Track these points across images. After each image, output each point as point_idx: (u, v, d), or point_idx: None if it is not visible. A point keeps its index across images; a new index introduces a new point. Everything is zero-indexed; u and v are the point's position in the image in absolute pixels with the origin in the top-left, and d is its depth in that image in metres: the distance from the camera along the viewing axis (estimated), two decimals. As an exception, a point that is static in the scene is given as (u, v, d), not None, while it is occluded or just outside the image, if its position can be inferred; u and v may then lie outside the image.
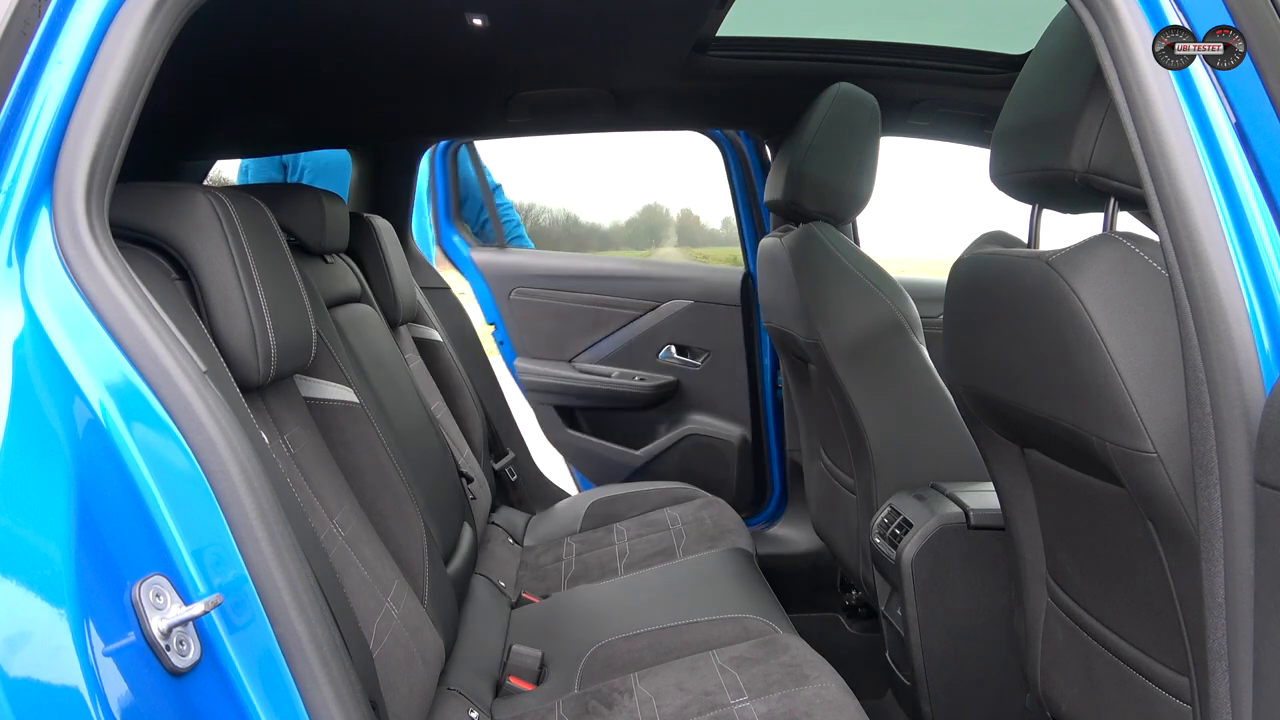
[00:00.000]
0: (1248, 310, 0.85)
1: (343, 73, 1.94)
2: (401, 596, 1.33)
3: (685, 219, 3.51)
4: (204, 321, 1.08)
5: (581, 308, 2.93)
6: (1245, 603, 0.84)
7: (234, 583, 0.83)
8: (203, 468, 0.83)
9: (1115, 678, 1.19)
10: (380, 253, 2.12)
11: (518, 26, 1.75)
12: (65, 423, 0.78)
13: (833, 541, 2.22)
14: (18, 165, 0.83)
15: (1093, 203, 1.12)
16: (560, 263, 3.04)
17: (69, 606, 0.71)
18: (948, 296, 1.35)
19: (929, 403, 1.90)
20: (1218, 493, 0.86)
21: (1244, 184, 0.86)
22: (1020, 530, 1.39)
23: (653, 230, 3.82)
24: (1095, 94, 1.01)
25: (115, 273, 0.84)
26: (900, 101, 2.25)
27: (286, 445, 1.24)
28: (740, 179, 2.77)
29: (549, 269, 2.98)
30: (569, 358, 2.94)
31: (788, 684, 1.30)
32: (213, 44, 1.45)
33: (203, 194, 1.11)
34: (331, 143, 2.91)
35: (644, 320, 2.90)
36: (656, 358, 2.91)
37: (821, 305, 1.92)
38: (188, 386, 0.83)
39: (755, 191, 2.75)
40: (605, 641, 1.57)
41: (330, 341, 1.53)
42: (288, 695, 0.84)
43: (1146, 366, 0.96)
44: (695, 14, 1.72)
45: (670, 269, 3.04)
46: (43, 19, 0.84)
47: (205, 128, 2.23)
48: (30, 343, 0.80)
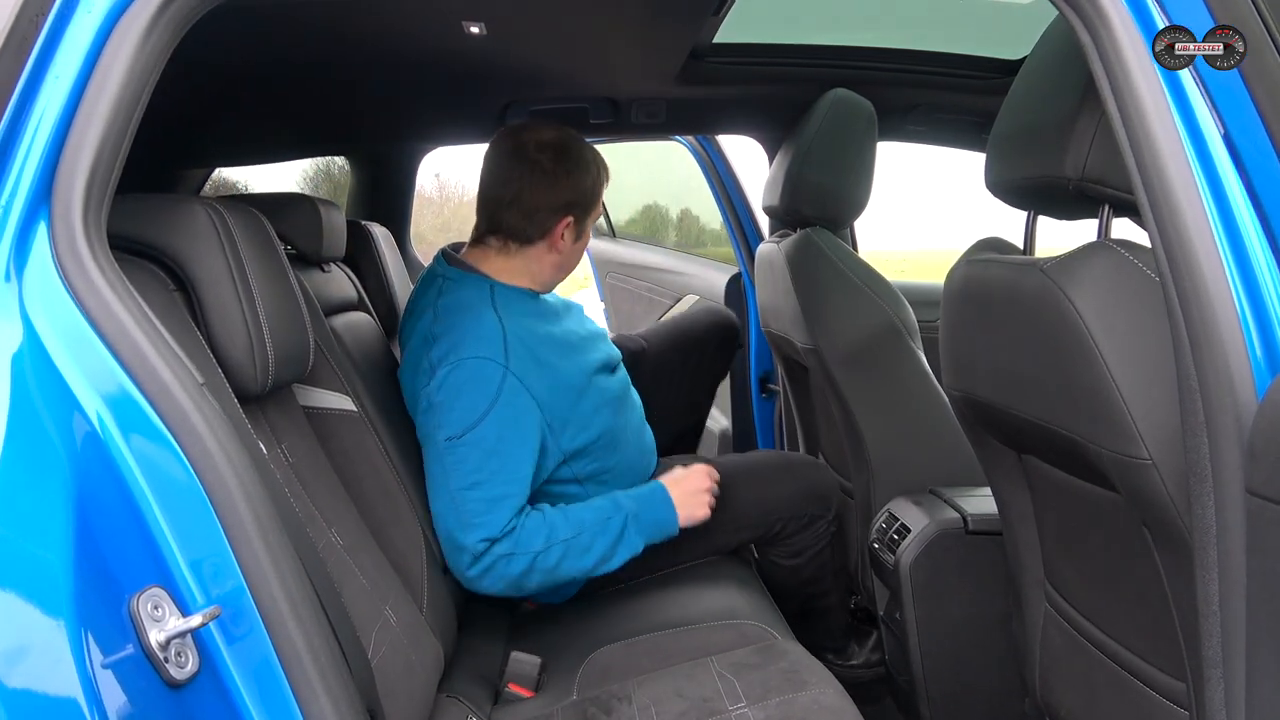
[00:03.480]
0: (1239, 318, 0.85)
1: (340, 81, 1.95)
2: (400, 605, 1.34)
3: (685, 219, 3.52)
4: (202, 332, 1.09)
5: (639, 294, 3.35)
6: (1238, 609, 0.85)
7: (232, 594, 0.84)
8: (200, 479, 0.83)
9: (1113, 683, 1.19)
10: (378, 261, 2.13)
11: (515, 35, 1.75)
12: (64, 436, 0.78)
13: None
14: (15, 179, 0.83)
15: (1087, 209, 1.12)
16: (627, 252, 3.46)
17: (67, 618, 0.71)
18: (944, 303, 1.36)
19: (926, 408, 1.91)
20: (1211, 500, 0.86)
21: (1235, 192, 0.87)
22: (1018, 535, 1.39)
23: (653, 230, 3.83)
24: (1089, 101, 1.01)
25: (113, 286, 0.84)
26: (897, 107, 2.25)
27: (285, 455, 1.25)
28: (729, 181, 2.83)
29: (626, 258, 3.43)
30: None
31: (786, 690, 1.30)
32: (210, 54, 1.46)
33: (200, 205, 1.11)
34: (329, 150, 2.92)
35: (672, 312, 3.14)
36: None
37: (819, 311, 1.92)
38: (185, 399, 0.84)
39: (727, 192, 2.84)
40: (604, 648, 1.57)
41: (328, 350, 1.53)
42: (286, 706, 0.85)
43: (1141, 373, 0.96)
44: (692, 21, 1.73)
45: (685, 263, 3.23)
46: (40, 33, 0.84)
47: (203, 137, 2.23)
48: (29, 357, 0.80)
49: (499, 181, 1.69)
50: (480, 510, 1.51)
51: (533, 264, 1.71)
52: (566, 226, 1.69)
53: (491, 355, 1.56)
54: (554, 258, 1.72)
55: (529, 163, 1.66)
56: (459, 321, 1.61)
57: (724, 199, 2.83)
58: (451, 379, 1.55)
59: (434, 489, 1.56)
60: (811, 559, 1.92)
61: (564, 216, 1.68)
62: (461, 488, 1.52)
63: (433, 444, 1.56)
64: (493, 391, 1.54)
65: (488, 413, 1.53)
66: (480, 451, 1.52)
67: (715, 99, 2.22)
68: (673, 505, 1.65)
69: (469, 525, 1.51)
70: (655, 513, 1.64)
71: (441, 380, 1.56)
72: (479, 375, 1.55)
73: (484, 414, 1.53)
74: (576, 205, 1.69)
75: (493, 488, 1.52)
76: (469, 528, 1.51)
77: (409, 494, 1.60)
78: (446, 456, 1.53)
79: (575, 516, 1.58)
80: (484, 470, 1.52)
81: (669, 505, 1.65)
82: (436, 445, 1.55)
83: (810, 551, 1.91)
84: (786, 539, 1.90)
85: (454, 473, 1.53)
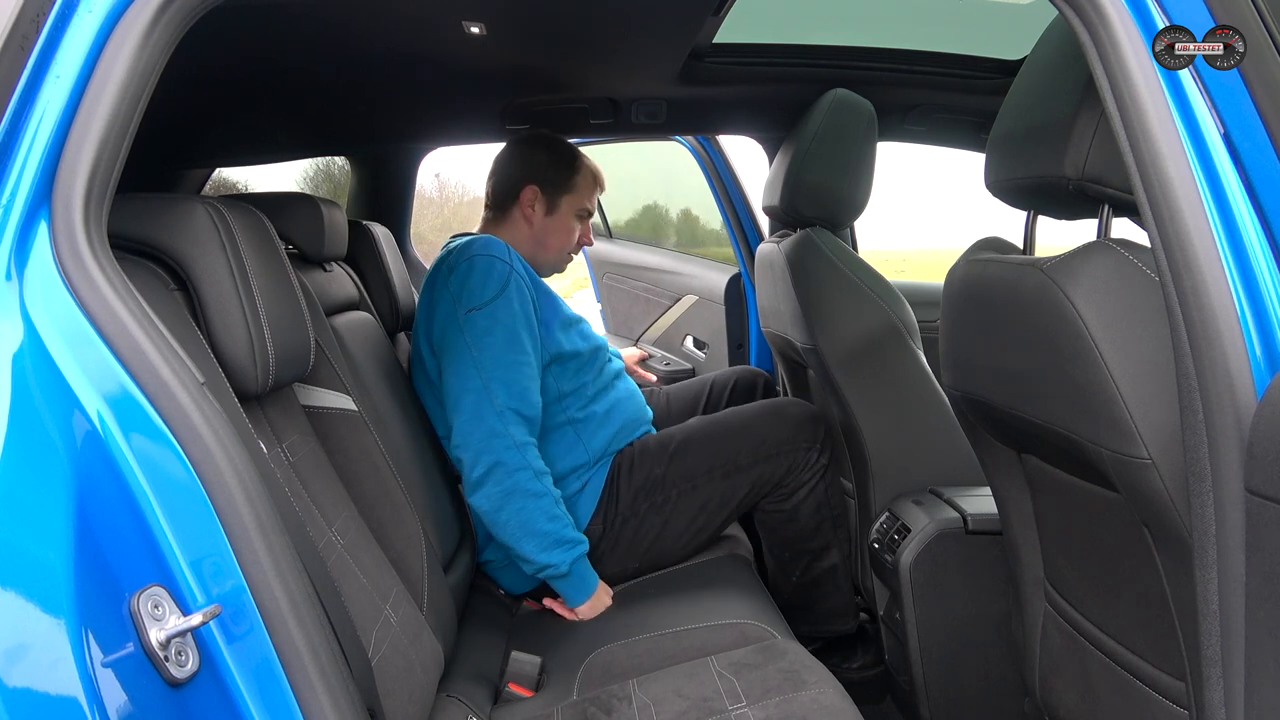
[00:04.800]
0: (1239, 318, 0.85)
1: (341, 80, 1.95)
2: (400, 604, 1.34)
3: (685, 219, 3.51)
4: (202, 332, 1.09)
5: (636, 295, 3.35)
6: (1238, 609, 0.85)
7: (232, 593, 0.84)
8: (201, 479, 0.83)
9: (1113, 683, 1.19)
10: (379, 260, 2.13)
11: (515, 35, 1.75)
12: (64, 435, 0.79)
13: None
14: (16, 178, 0.83)
15: (1087, 209, 1.12)
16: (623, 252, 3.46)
17: (68, 617, 0.71)
18: (944, 302, 1.36)
19: (926, 408, 1.91)
20: (1211, 500, 0.86)
21: (1235, 192, 0.87)
22: (1018, 535, 1.39)
23: (653, 230, 3.83)
24: (1088, 101, 1.01)
25: (113, 285, 0.84)
26: (896, 107, 2.26)
27: (285, 454, 1.25)
28: (729, 181, 2.84)
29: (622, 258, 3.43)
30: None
31: (786, 689, 1.30)
32: (210, 54, 1.46)
33: (201, 204, 1.11)
34: (329, 150, 2.92)
35: (671, 312, 3.19)
36: (680, 347, 3.15)
37: (819, 311, 1.92)
38: (185, 398, 0.84)
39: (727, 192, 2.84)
40: (604, 648, 1.57)
41: (329, 350, 1.53)
42: (286, 705, 0.85)
43: (1141, 373, 0.96)
44: (692, 21, 1.73)
45: (684, 263, 3.22)
46: (41, 33, 0.85)
47: (203, 137, 2.23)
48: (29, 356, 0.80)
49: (492, 165, 2.09)
50: (508, 393, 1.72)
51: (516, 234, 2.01)
52: (534, 196, 2.00)
53: (499, 255, 1.82)
54: (527, 229, 2.03)
55: (506, 146, 2.08)
56: (471, 247, 1.84)
57: (724, 199, 2.84)
58: (467, 271, 1.80)
59: (459, 367, 1.75)
60: (807, 497, 1.95)
61: (526, 184, 2.00)
62: (488, 364, 1.73)
63: (454, 325, 1.78)
64: (503, 277, 1.79)
65: (500, 293, 1.78)
66: (501, 329, 1.76)
67: (715, 99, 2.23)
68: (588, 594, 1.78)
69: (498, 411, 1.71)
70: (579, 582, 1.77)
71: (460, 274, 1.80)
72: (490, 268, 1.80)
73: (498, 294, 1.78)
74: (535, 177, 2.00)
75: (517, 373, 1.75)
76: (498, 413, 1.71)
77: (409, 494, 1.60)
78: (468, 331, 1.76)
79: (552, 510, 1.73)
80: (509, 354, 1.75)
81: (587, 592, 1.78)
82: (457, 323, 1.77)
83: (805, 490, 1.94)
84: (781, 482, 1.94)
85: (477, 347, 1.75)
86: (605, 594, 1.81)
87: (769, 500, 1.96)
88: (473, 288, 1.78)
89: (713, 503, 1.90)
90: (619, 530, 1.87)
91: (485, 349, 1.74)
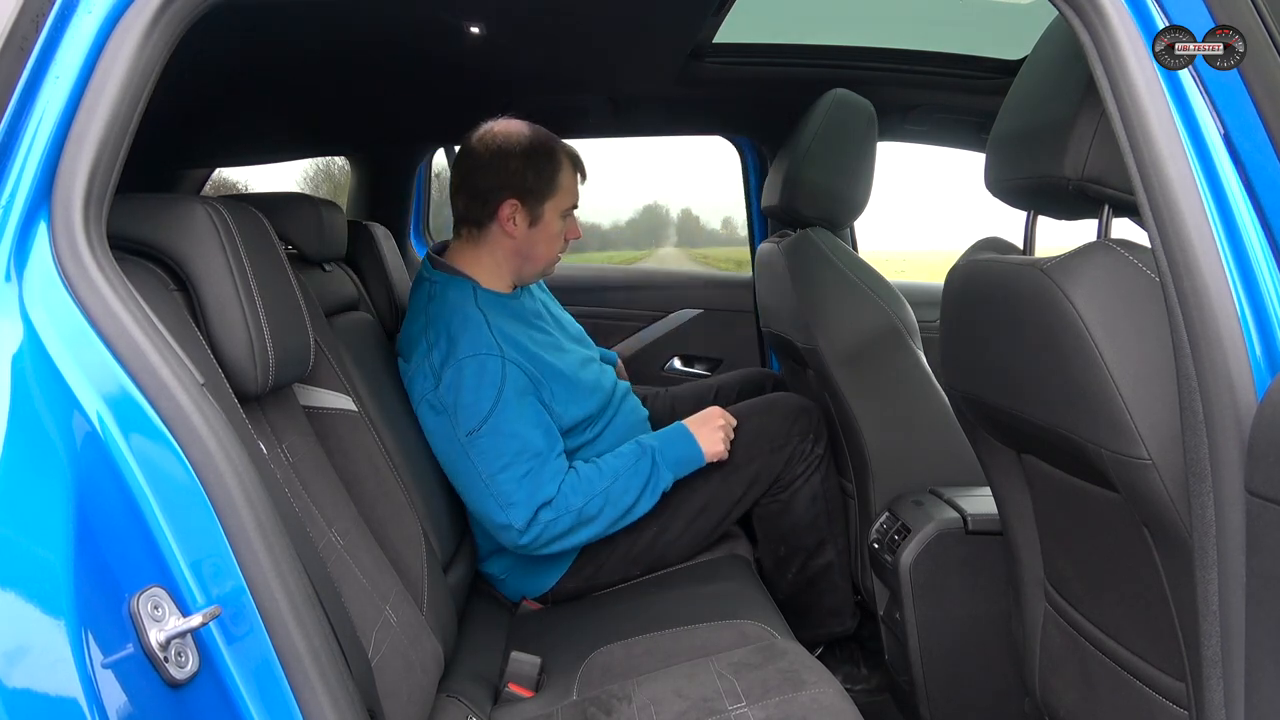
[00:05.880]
0: (1239, 318, 0.85)
1: (341, 81, 1.95)
2: (400, 604, 1.34)
3: (685, 219, 3.51)
4: (202, 332, 1.09)
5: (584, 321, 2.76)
6: (1238, 610, 0.85)
7: (232, 594, 0.84)
8: (200, 479, 0.83)
9: (1113, 683, 1.19)
10: (379, 260, 2.13)
11: (515, 35, 1.75)
12: (64, 436, 0.78)
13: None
14: (16, 179, 0.83)
15: (1087, 209, 1.12)
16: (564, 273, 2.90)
17: (68, 618, 0.71)
18: (944, 302, 1.36)
19: (926, 408, 1.90)
20: (1211, 500, 0.86)
21: (1235, 192, 0.87)
22: (1018, 535, 1.39)
23: (653, 230, 3.82)
24: (1088, 102, 1.01)
25: (113, 286, 0.84)
26: (896, 107, 2.26)
27: (285, 454, 1.25)
28: (757, 184, 2.73)
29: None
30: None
31: (785, 689, 1.30)
32: (210, 54, 1.46)
33: (200, 205, 1.11)
34: (329, 150, 2.92)
35: (649, 331, 2.83)
36: (660, 371, 2.81)
37: (819, 311, 1.92)
38: (185, 399, 0.84)
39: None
40: (604, 648, 1.57)
41: (329, 350, 1.53)
42: (286, 706, 0.85)
43: (1141, 373, 0.96)
44: (692, 21, 1.73)
45: (678, 276, 3.05)
46: (41, 33, 0.85)
47: (203, 137, 2.24)
48: (29, 357, 0.80)
49: (454, 173, 1.89)
50: (515, 488, 1.66)
51: (497, 252, 1.85)
52: (514, 210, 1.81)
53: (488, 350, 1.70)
54: (510, 244, 1.84)
55: (468, 152, 1.84)
56: (450, 325, 1.74)
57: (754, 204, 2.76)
58: (457, 380, 1.69)
59: (467, 482, 1.71)
60: (803, 487, 1.94)
61: (505, 197, 1.80)
62: (492, 473, 1.67)
63: (453, 442, 1.70)
64: (497, 381, 1.69)
65: (498, 400, 1.68)
66: (501, 437, 1.67)
67: (715, 99, 2.23)
68: (694, 439, 1.79)
69: (509, 504, 1.66)
70: (679, 448, 1.78)
71: (449, 383, 1.70)
72: (481, 370, 1.69)
73: (495, 403, 1.68)
74: (512, 188, 1.80)
75: (520, 465, 1.67)
76: (510, 506, 1.66)
77: (409, 494, 1.60)
78: (471, 450, 1.68)
79: (608, 466, 1.74)
80: (508, 452, 1.67)
81: (690, 439, 1.79)
82: (458, 442, 1.69)
83: (800, 480, 1.93)
84: (779, 476, 1.94)
85: (481, 461, 1.67)
86: (703, 424, 1.80)
87: (766, 494, 1.96)
88: (465, 405, 1.68)
89: (712, 503, 1.90)
90: (618, 537, 1.85)
91: (496, 469, 1.67)
